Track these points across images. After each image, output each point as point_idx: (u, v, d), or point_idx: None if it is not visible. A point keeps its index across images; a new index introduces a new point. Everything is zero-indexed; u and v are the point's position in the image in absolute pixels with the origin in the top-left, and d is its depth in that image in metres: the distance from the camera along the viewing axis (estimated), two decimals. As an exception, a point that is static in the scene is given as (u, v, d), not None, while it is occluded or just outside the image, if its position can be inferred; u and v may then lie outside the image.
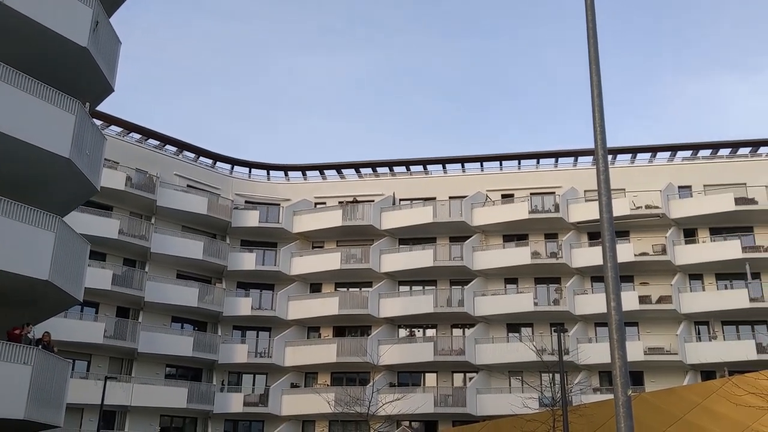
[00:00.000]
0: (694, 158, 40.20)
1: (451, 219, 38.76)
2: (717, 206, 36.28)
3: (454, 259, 38.18)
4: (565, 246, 37.22)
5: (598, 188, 9.69)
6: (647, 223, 37.04)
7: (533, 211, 38.24)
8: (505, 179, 40.90)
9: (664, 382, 33.54)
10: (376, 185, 42.16)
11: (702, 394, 21.28)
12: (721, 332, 35.92)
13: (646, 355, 34.51)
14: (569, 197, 38.48)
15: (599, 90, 9.59)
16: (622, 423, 8.54)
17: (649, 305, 35.62)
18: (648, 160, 40.64)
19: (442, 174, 42.70)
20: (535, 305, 36.43)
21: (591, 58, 9.61)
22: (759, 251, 35.67)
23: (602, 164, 9.58)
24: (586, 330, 36.73)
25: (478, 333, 37.13)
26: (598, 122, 9.59)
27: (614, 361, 8.81)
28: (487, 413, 33.77)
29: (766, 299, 34.89)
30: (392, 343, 36.77)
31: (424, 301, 37.50)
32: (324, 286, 40.44)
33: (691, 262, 36.18)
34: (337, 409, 31.79)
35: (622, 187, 37.23)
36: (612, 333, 8.98)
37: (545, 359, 28.50)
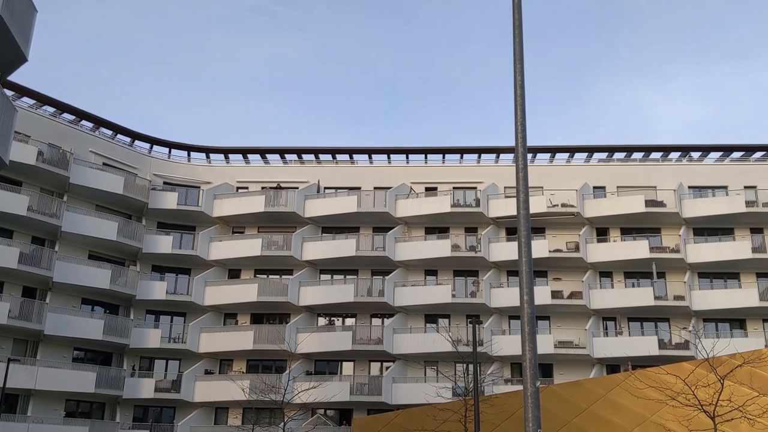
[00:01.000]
0: (609, 160, 41.80)
1: (375, 209, 38.92)
2: (628, 207, 37.90)
3: (377, 249, 38.40)
4: (484, 240, 38.04)
5: (516, 185, 9.94)
6: (562, 221, 38.31)
7: (455, 204, 38.88)
8: (429, 172, 41.39)
9: (572, 375, 34.90)
10: (301, 172, 41.83)
11: (606, 387, 22.21)
12: (627, 328, 37.62)
13: (556, 348, 35.75)
14: (490, 193, 39.32)
15: (522, 90, 9.82)
16: (529, 413, 8.84)
17: (561, 300, 36.90)
18: (566, 161, 42.00)
19: (367, 164, 42.80)
20: (453, 297, 37.10)
21: (516, 57, 9.83)
22: (665, 252, 37.50)
23: (521, 162, 9.83)
24: (500, 322, 37.71)
25: (396, 323, 37.52)
26: (519, 121, 9.82)
27: (525, 353, 9.10)
28: (401, 402, 34.25)
29: (669, 298, 36.77)
30: (311, 332, 36.71)
31: (345, 290, 37.57)
32: (243, 272, 39.86)
33: (601, 260, 37.67)
34: (251, 396, 31.50)
35: (541, 185, 38.35)
36: (524, 326, 9.27)
37: (460, 350, 29.09)
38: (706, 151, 41.51)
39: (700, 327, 35.88)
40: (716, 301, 36.49)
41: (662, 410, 19.43)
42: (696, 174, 39.80)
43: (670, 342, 36.12)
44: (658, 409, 19.59)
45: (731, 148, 41.24)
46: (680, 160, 41.43)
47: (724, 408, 17.29)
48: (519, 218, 9.80)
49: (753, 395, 18.17)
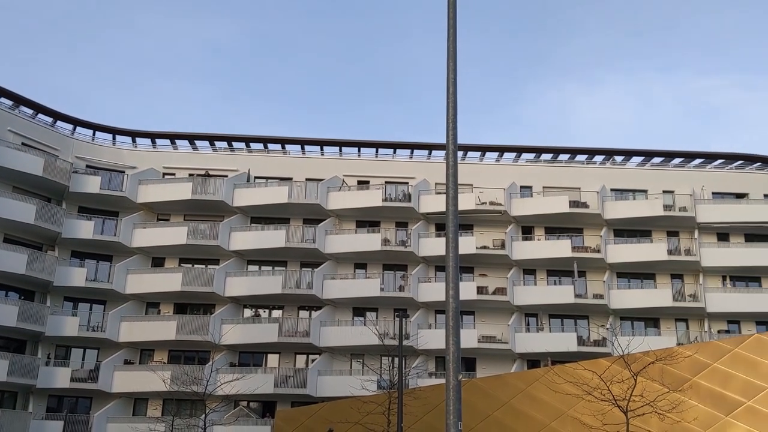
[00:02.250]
0: (536, 161, 42.87)
1: (306, 201, 38.66)
2: (553, 207, 38.96)
3: (307, 241, 38.15)
4: (413, 235, 38.37)
5: (446, 182, 10.05)
6: (490, 218, 39.05)
7: (387, 199, 39.03)
8: (362, 166, 41.41)
9: (494, 369, 35.68)
10: (231, 160, 41.12)
11: (527, 381, 22.81)
12: (548, 324, 38.72)
13: (479, 343, 36.45)
14: (421, 188, 39.67)
15: (454, 88, 9.91)
16: (451, 406, 8.96)
17: (486, 296, 37.62)
18: (495, 160, 42.80)
19: (300, 155, 42.45)
20: (382, 291, 37.27)
21: (449, 55, 9.91)
22: (586, 251, 38.75)
23: (452, 159, 9.94)
24: (427, 316, 38.15)
25: (324, 316, 37.43)
26: (451, 119, 9.92)
27: (448, 347, 9.22)
28: (326, 395, 34.22)
29: (589, 296, 38.03)
30: (236, 323, 36.20)
31: (273, 281, 37.20)
32: (167, 260, 38.91)
33: (526, 257, 38.61)
34: (172, 387, 30.85)
35: (470, 182, 38.95)
36: (448, 320, 9.39)
37: (387, 343, 29.30)
38: (629, 156, 43.16)
39: (617, 325, 37.28)
40: (633, 300, 37.96)
41: (579, 404, 20.10)
42: (618, 177, 41.27)
43: (589, 339, 37.38)
44: (574, 403, 20.25)
45: (652, 153, 43.03)
46: (604, 163, 42.88)
47: (637, 403, 18.05)
48: (447, 214, 9.91)
49: (664, 391, 19.04)
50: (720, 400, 19.36)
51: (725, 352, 20.02)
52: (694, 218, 38.92)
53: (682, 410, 18.92)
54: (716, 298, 37.81)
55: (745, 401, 19.06)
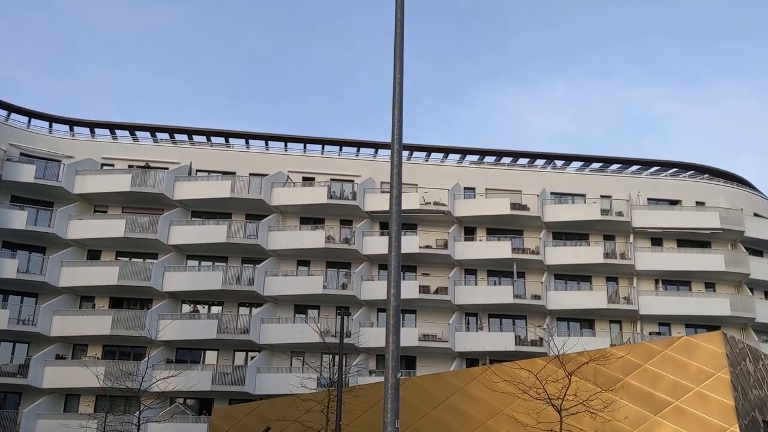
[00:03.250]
0: (480, 163, 43.46)
1: (249, 196, 38.19)
2: (495, 209, 39.57)
3: (249, 237, 37.70)
4: (358, 233, 38.38)
5: (390, 181, 10.09)
6: (434, 218, 39.40)
7: (331, 196, 38.92)
8: (307, 162, 41.18)
9: (434, 367, 36.02)
10: (172, 152, 40.28)
11: (465, 380, 23.10)
12: (487, 324, 39.30)
13: (420, 341, 36.73)
14: (367, 187, 39.70)
15: (401, 87, 9.96)
16: (389, 404, 9.01)
17: (428, 295, 37.94)
18: (440, 160, 43.21)
19: (244, 149, 41.94)
20: (324, 288, 37.15)
21: (396, 55, 9.95)
22: (526, 253, 39.48)
23: (396, 159, 9.98)
24: (369, 315, 38.21)
25: (265, 312, 37.07)
26: (396, 118, 9.96)
27: (388, 345, 9.27)
28: (265, 392, 33.92)
29: (528, 297, 38.78)
30: (174, 319, 35.52)
31: (213, 277, 36.64)
32: (104, 254, 37.86)
33: (468, 257, 39.10)
34: (106, 383, 30.08)
35: (415, 182, 39.22)
36: (389, 318, 9.43)
37: (328, 341, 29.22)
38: (569, 161, 44.22)
39: (554, 325, 38.12)
40: (569, 301, 38.90)
41: (514, 403, 20.46)
42: (558, 181, 42.20)
43: (526, 338, 38.13)
44: (510, 402, 20.61)
45: (591, 159, 44.17)
46: (545, 167, 43.80)
47: (570, 402, 18.49)
48: (391, 214, 9.95)
49: (596, 391, 19.55)
50: (649, 400, 20.00)
51: (655, 354, 20.68)
52: (630, 223, 40.11)
53: (613, 409, 19.46)
54: (649, 301, 39.07)
55: (672, 401, 19.75)
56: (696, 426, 19.11)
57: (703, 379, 19.61)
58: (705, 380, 19.55)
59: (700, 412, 19.22)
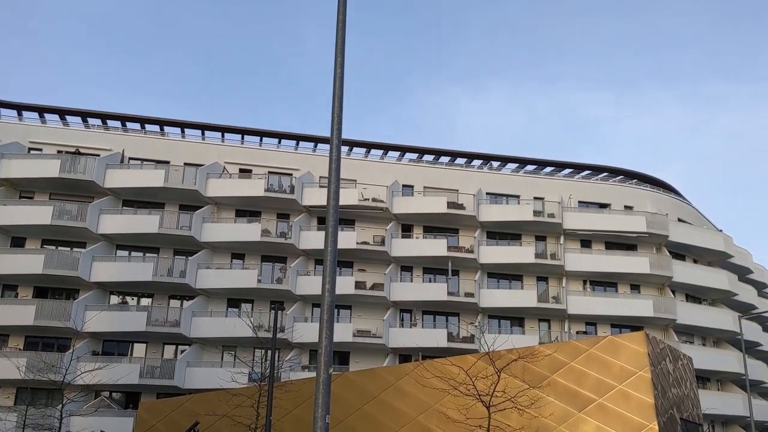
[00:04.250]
0: (419, 161, 43.82)
1: (183, 186, 37.40)
2: (432, 207, 39.98)
3: (182, 228, 36.96)
4: (295, 227, 38.12)
5: (328, 176, 10.06)
6: (372, 214, 39.51)
7: (269, 189, 38.52)
8: (245, 154, 40.62)
9: (367, 363, 36.15)
10: (105, 139, 39.08)
11: (397, 376, 23.22)
12: (421, 320, 39.70)
13: (354, 337, 36.79)
14: (305, 181, 39.46)
15: (341, 83, 9.94)
16: (320, 399, 9.00)
17: (364, 291, 38.03)
18: (380, 157, 43.35)
19: (179, 138, 41.05)
20: (259, 282, 36.78)
21: (337, 50, 9.93)
22: (461, 251, 40.06)
23: (335, 154, 9.97)
24: (304, 310, 38.03)
25: (196, 305, 36.41)
26: (336, 113, 9.94)
27: (321, 340, 9.24)
28: (195, 386, 33.36)
29: (461, 294, 39.35)
30: (101, 310, 34.51)
31: (144, 268, 35.75)
32: (29, 241, 36.44)
33: (404, 254, 39.38)
34: (27, 375, 28.99)
35: (354, 178, 39.23)
36: (323, 314, 9.41)
37: (261, 336, 28.91)
38: (505, 162, 45.08)
39: (485, 323, 38.82)
40: (501, 299, 39.68)
41: (445, 399, 20.70)
42: (494, 182, 42.96)
43: (458, 335, 38.70)
44: (441, 397, 20.83)
45: (526, 161, 45.16)
46: (482, 167, 44.53)
47: (499, 398, 18.83)
48: (328, 209, 9.92)
49: (524, 387, 19.96)
50: (574, 397, 20.54)
51: (581, 352, 21.25)
52: (561, 225, 41.18)
53: (539, 406, 19.91)
54: (577, 301, 40.23)
55: (596, 398, 20.34)
56: (618, 423, 19.74)
57: (625, 378, 20.27)
58: (627, 378, 20.21)
59: (622, 410, 19.87)
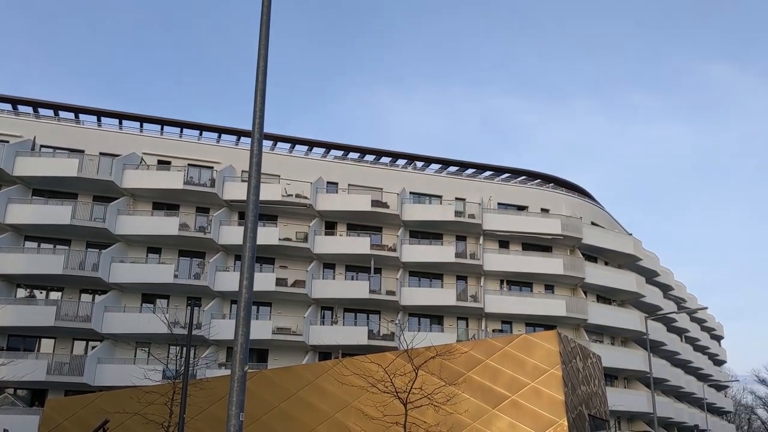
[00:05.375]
0: (344, 158, 43.78)
1: (98, 177, 36.03)
2: (356, 205, 40.04)
3: (96, 219, 35.60)
4: (215, 222, 37.37)
5: (249, 171, 9.92)
6: (295, 211, 39.19)
7: (188, 182, 37.62)
8: (164, 145, 39.51)
9: (286, 361, 35.88)
10: (14, 125, 37.18)
11: (315, 373, 23.13)
12: (342, 318, 39.70)
13: (273, 335, 36.42)
14: (227, 174, 38.75)
15: (264, 76, 9.81)
16: (234, 397, 8.86)
17: (285, 288, 37.69)
18: (305, 153, 43.06)
19: (95, 126, 39.53)
20: (176, 277, 35.87)
21: (261, 44, 9.79)
22: (384, 249, 40.29)
23: (256, 148, 9.83)
24: (222, 306, 37.36)
25: (109, 300, 35.18)
26: (258, 107, 9.80)
27: (237, 337, 9.10)
28: (105, 384, 32.25)
29: (383, 292, 39.58)
30: (7, 303, 32.80)
31: (53, 260, 34.21)
32: (-73, 230, 34.31)
33: (327, 252, 39.26)
34: None
35: (278, 173, 38.82)
36: (240, 310, 9.26)
37: (176, 332, 28.20)
38: (428, 162, 45.67)
39: (405, 321, 39.20)
40: (421, 298, 40.15)
41: (363, 396, 20.76)
42: (418, 181, 43.43)
43: (379, 333, 38.92)
44: (359, 395, 20.89)
45: (449, 162, 45.89)
46: (406, 167, 44.93)
47: (416, 395, 19.04)
48: (248, 204, 9.78)
49: (441, 385, 20.25)
50: (489, 394, 21.01)
51: (496, 350, 21.75)
52: (481, 225, 42.04)
53: (455, 403, 20.27)
54: (494, 300, 41.18)
55: (510, 395, 20.87)
56: (529, 419, 20.31)
57: (538, 375, 20.88)
58: (540, 376, 20.83)
59: (534, 406, 20.46)
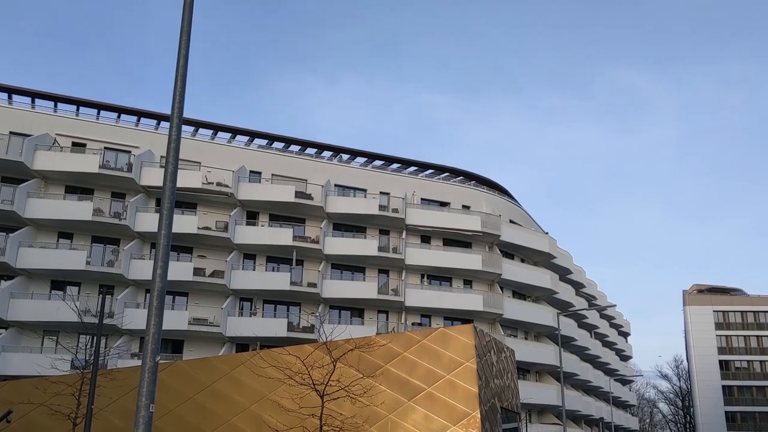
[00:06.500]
0: (268, 148, 43.25)
1: (7, 157, 34.33)
2: (279, 195, 39.64)
3: (3, 202, 33.94)
4: (131, 208, 36.23)
5: (166, 156, 9.68)
6: (216, 199, 38.45)
7: (104, 166, 36.33)
8: (79, 126, 37.96)
9: (202, 352, 35.23)
10: None
11: (232, 365, 22.81)
12: (262, 309, 39.28)
13: (190, 325, 35.69)
14: (145, 159, 37.61)
15: (185, 61, 9.59)
16: (144, 388, 8.66)
17: (203, 278, 36.96)
18: (227, 141, 42.29)
19: (5, 105, 37.63)
20: (88, 264, 34.62)
21: (183, 28, 9.57)
22: (306, 241, 40.09)
23: (175, 134, 9.60)
24: (136, 295, 36.29)
25: (16, 286, 33.60)
26: (178, 92, 9.58)
27: (149, 327, 8.88)
28: (9, 373, 30.86)
29: (304, 284, 39.40)
30: None
31: (-46, 243, 32.40)
32: None
33: (248, 242, 38.72)
34: None
35: (199, 160, 38.00)
36: (153, 300, 9.04)
37: (87, 321, 27.20)
38: (354, 155, 45.69)
39: (326, 313, 39.16)
40: (343, 290, 40.22)
41: (280, 388, 20.65)
42: (343, 174, 43.39)
43: (299, 325, 38.74)
44: (276, 387, 20.77)
45: (374, 156, 46.06)
46: (331, 159, 44.81)
47: (333, 387, 19.08)
48: (164, 191, 9.54)
49: (359, 377, 20.38)
50: (405, 386, 21.28)
51: (414, 343, 22.03)
52: (404, 220, 42.44)
53: (372, 395, 20.43)
54: (414, 294, 41.68)
55: (426, 387, 21.20)
56: (444, 411, 20.70)
57: (453, 368, 21.29)
58: (455, 369, 21.24)
59: (449, 398, 20.86)
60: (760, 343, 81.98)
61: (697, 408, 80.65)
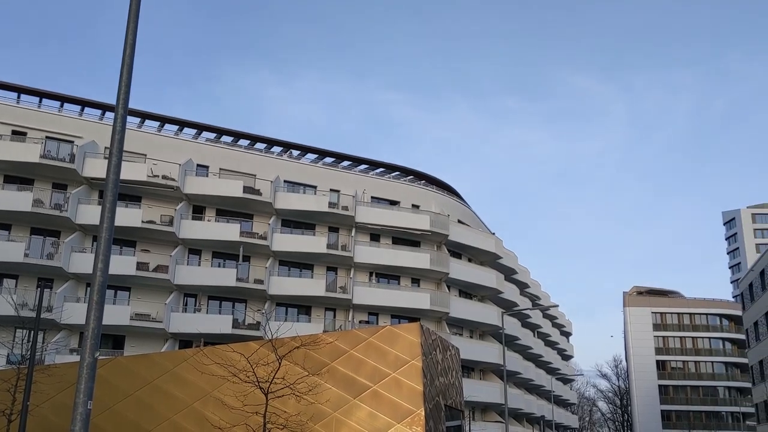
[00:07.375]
0: (217, 141, 42.63)
1: (-60, 143, 32.96)
2: (227, 190, 39.12)
3: (-65, 190, 32.55)
4: (73, 199, 35.24)
5: (110, 147, 9.46)
6: (161, 192, 37.71)
7: (45, 156, 35.24)
8: (19, 114, 36.74)
9: (145, 348, 34.54)
10: None
11: (174, 361, 22.42)
12: (206, 306, 38.71)
13: (132, 321, 34.96)
14: (88, 150, 36.63)
15: (132, 50, 9.39)
16: (83, 384, 8.46)
17: (146, 272, 36.23)
18: (174, 133, 41.51)
19: (-60, 89, 36.12)
20: (26, 257, 33.54)
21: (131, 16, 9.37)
22: (254, 237, 39.67)
23: (120, 125, 9.40)
24: (76, 289, 35.34)
25: (-53, 278, 32.30)
26: (124, 81, 9.37)
27: (89, 322, 8.67)
28: (-62, 369, 29.57)
29: (250, 281, 39.00)
30: None
31: None
32: None
33: (194, 237, 38.13)
34: None
35: (144, 152, 37.22)
36: (93, 294, 8.83)
37: (24, 315, 26.39)
38: (304, 151, 45.45)
39: (273, 310, 38.84)
40: (290, 287, 39.95)
41: (223, 386, 20.38)
42: (293, 170, 43.11)
43: (244, 322, 38.32)
44: (219, 384, 20.49)
45: (325, 153, 45.90)
46: (281, 155, 44.45)
47: (278, 385, 18.94)
48: (107, 183, 9.32)
49: (304, 374, 20.27)
50: (351, 384, 21.27)
51: (361, 341, 22.03)
52: (354, 218, 42.44)
53: (317, 393, 20.33)
54: (362, 292, 41.72)
55: (371, 385, 21.24)
56: (389, 409, 20.78)
57: (399, 366, 21.39)
58: (401, 367, 21.34)
59: (394, 396, 20.94)
60: (695, 344, 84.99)
61: (635, 407, 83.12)
